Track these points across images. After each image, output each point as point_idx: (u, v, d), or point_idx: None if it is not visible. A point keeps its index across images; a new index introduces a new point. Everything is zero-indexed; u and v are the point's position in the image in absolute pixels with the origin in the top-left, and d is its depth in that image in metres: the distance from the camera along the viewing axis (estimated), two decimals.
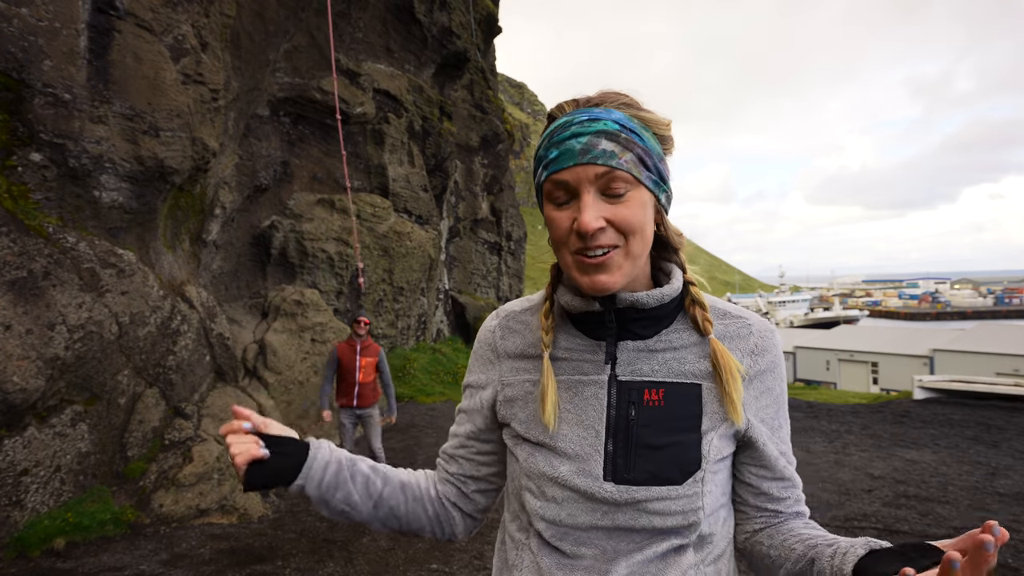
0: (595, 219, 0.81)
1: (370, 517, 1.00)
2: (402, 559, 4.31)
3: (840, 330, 38.59)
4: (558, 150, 0.83)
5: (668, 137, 0.90)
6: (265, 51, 7.92)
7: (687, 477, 0.84)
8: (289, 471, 0.92)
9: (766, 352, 0.92)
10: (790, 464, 0.95)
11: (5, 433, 3.99)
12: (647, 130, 0.86)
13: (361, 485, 0.99)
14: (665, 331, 0.91)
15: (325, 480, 0.95)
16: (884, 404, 11.78)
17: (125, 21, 4.93)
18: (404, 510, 1.03)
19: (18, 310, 4.07)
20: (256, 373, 7.47)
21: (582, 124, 0.83)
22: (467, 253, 16.38)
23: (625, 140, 0.82)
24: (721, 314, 0.94)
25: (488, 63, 17.34)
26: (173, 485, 4.79)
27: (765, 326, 0.95)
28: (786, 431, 0.96)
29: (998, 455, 7.45)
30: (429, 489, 1.06)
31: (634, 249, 0.84)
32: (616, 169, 0.81)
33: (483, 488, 1.07)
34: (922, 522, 5.06)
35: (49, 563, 3.90)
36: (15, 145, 4.39)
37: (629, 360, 0.89)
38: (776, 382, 0.94)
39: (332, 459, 0.97)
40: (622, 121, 0.84)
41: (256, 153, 8.98)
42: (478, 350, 1.05)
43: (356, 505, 0.98)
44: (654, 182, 0.86)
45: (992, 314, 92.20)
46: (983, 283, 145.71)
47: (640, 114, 0.87)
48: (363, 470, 1.01)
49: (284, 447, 0.93)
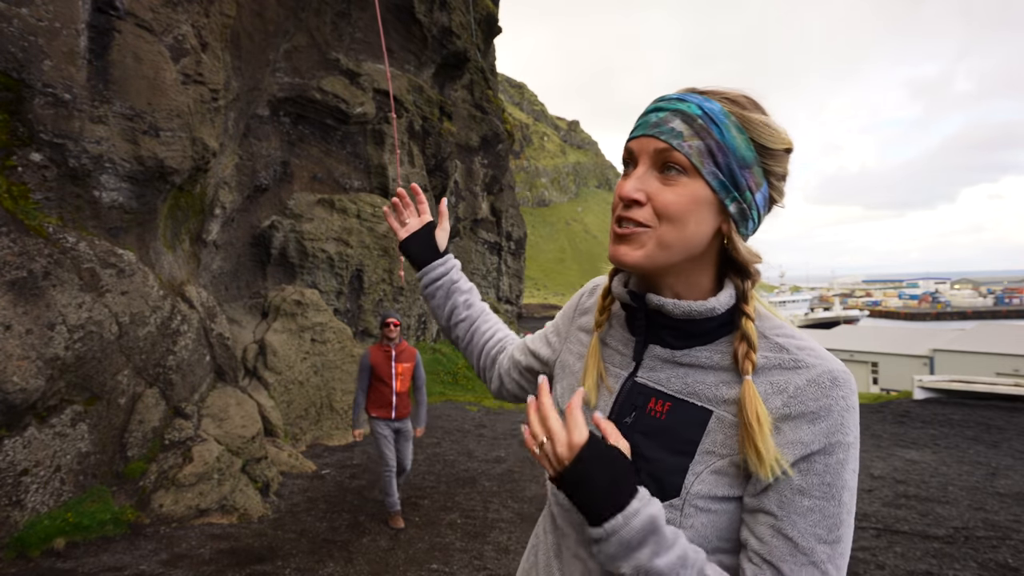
0: (635, 190, 0.80)
1: (452, 320, 1.30)
2: (402, 559, 4.31)
3: (840, 330, 38.59)
4: (639, 120, 0.85)
5: (777, 152, 0.82)
6: (265, 51, 7.92)
7: (665, 499, 0.80)
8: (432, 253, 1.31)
9: (809, 398, 0.76)
10: (788, 553, 0.74)
11: (5, 433, 3.99)
12: (742, 131, 0.80)
13: (464, 302, 1.30)
14: (699, 347, 0.85)
15: (454, 275, 1.31)
16: (884, 404, 11.78)
17: (125, 21, 4.93)
18: (471, 345, 1.31)
19: (18, 310, 4.07)
20: (256, 373, 7.47)
21: (668, 101, 0.83)
22: (467, 253, 16.38)
23: (700, 126, 0.79)
24: (777, 348, 0.82)
25: (488, 63, 17.34)
26: (173, 485, 4.78)
27: (826, 372, 0.77)
28: (812, 512, 0.74)
29: (998, 455, 7.45)
30: (491, 349, 1.29)
31: (665, 236, 0.80)
32: (676, 150, 0.78)
33: (517, 378, 1.22)
34: (922, 522, 5.06)
35: (49, 563, 3.90)
36: (15, 145, 4.38)
37: (651, 365, 0.88)
38: (817, 437, 0.74)
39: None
40: (709, 110, 0.79)
41: (256, 153, 8.98)
42: (573, 298, 1.16)
43: (459, 307, 1.29)
44: (720, 183, 0.79)
45: (992, 314, 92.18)
46: (983, 283, 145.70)
47: (743, 113, 0.81)
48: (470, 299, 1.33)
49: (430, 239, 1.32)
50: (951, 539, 4.68)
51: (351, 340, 8.64)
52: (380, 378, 4.93)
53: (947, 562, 4.24)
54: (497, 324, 1.31)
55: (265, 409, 6.93)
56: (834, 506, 0.74)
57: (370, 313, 10.91)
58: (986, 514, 5.24)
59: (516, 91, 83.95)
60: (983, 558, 4.31)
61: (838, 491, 0.74)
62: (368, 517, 5.15)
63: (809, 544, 0.73)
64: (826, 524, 0.74)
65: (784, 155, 0.83)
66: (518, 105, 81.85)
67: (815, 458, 0.74)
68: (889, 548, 4.51)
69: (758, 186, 0.82)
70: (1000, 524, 4.98)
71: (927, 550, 4.46)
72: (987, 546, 4.53)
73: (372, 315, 10.96)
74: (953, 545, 4.56)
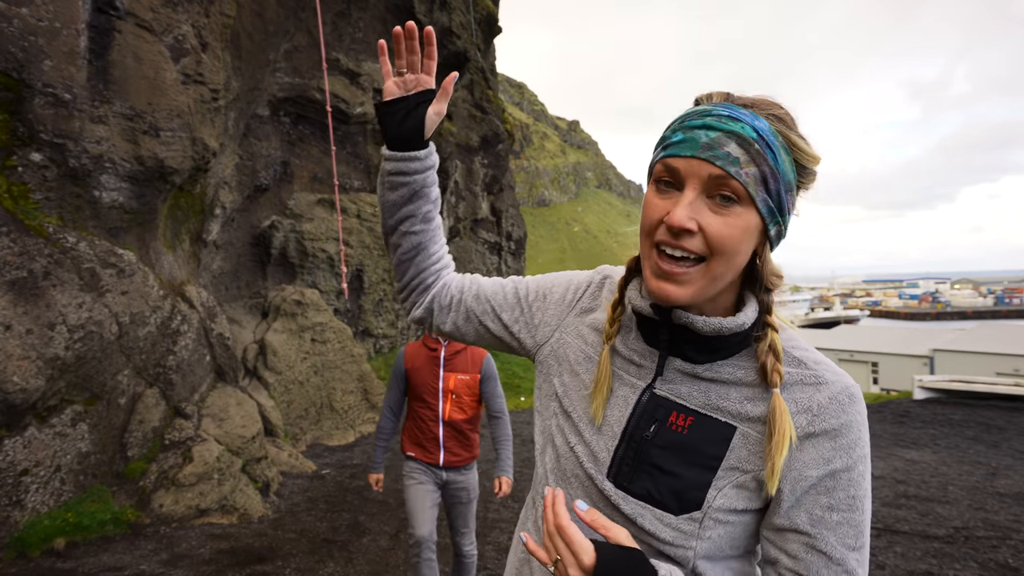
0: (688, 219, 0.75)
1: (402, 228, 1.08)
2: (402, 559, 4.31)
3: (840, 330, 38.63)
4: (683, 135, 0.78)
5: (811, 172, 0.82)
6: (265, 51, 7.93)
7: (684, 512, 0.81)
8: (417, 136, 1.04)
9: (830, 415, 0.78)
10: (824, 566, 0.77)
11: (5, 433, 3.99)
12: (788, 153, 0.79)
13: (426, 213, 1.08)
14: (721, 362, 0.85)
15: (429, 178, 1.06)
16: (884, 404, 11.78)
17: (125, 21, 4.93)
18: (410, 262, 1.11)
19: (18, 310, 4.07)
20: (256, 373, 7.48)
21: (719, 119, 0.77)
22: (467, 253, 16.38)
23: (756, 152, 0.75)
24: (796, 362, 0.83)
25: (488, 63, 17.34)
26: (173, 485, 4.79)
27: (844, 388, 0.80)
28: (841, 525, 0.77)
29: (998, 455, 7.45)
30: (430, 276, 1.12)
31: (716, 269, 0.77)
32: (733, 178, 0.75)
33: (454, 317, 1.11)
34: (922, 522, 5.06)
35: (49, 563, 3.90)
36: (15, 145, 4.39)
37: (672, 378, 0.87)
38: (838, 454, 0.77)
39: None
40: (763, 132, 0.77)
41: (256, 153, 8.98)
42: (572, 281, 1.06)
43: (416, 217, 1.07)
44: (769, 209, 0.78)
45: (992, 314, 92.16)
46: (983, 283, 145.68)
47: (788, 133, 0.79)
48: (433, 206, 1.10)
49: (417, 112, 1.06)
50: (951, 539, 4.68)
51: (351, 340, 8.65)
52: (420, 396, 3.04)
53: (947, 562, 4.24)
54: (443, 249, 1.15)
55: (265, 409, 6.93)
56: (859, 515, 0.78)
57: (370, 313, 10.92)
58: (986, 514, 5.24)
59: (516, 91, 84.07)
60: (983, 558, 4.31)
61: (861, 501, 0.78)
62: (368, 517, 5.14)
63: (841, 555, 0.77)
64: (854, 533, 0.78)
65: (815, 173, 0.83)
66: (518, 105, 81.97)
67: (840, 474, 0.77)
68: (889, 548, 4.51)
69: (794, 206, 0.82)
70: (1000, 524, 4.98)
71: (927, 550, 4.46)
72: (987, 546, 4.53)
73: (372, 315, 10.96)
74: (953, 545, 4.56)
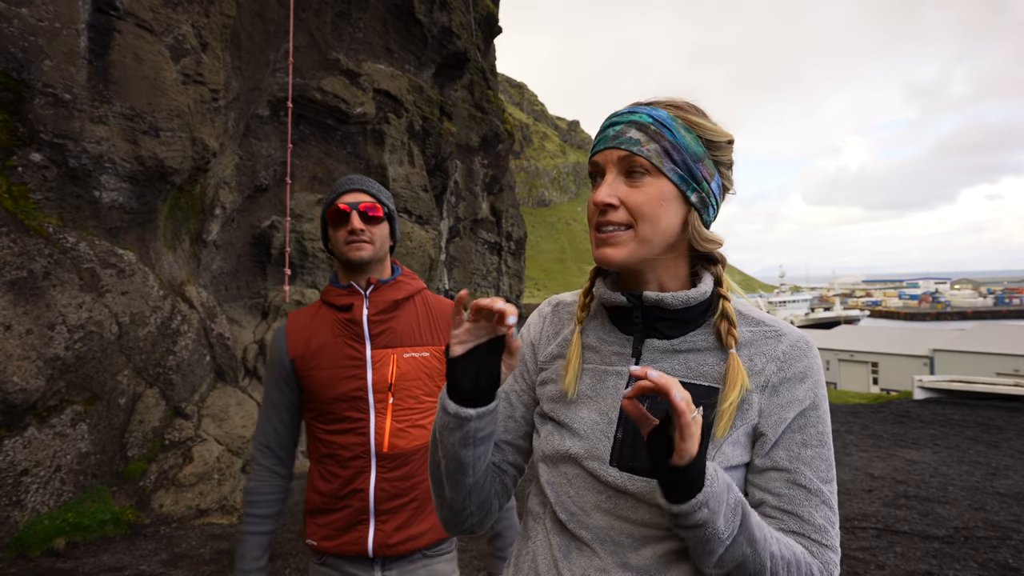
0: (608, 195, 0.88)
1: (475, 477, 0.95)
2: None
3: (840, 330, 38.65)
4: (599, 137, 0.94)
5: (717, 143, 0.92)
6: (265, 51, 7.93)
7: None
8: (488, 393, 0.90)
9: (795, 360, 0.89)
10: (805, 499, 0.85)
11: (5, 433, 3.99)
12: (689, 131, 0.90)
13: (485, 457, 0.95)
14: (691, 333, 0.93)
15: (490, 430, 0.92)
16: (884, 404, 11.78)
17: (125, 21, 4.93)
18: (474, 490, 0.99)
19: (18, 310, 4.07)
20: (256, 373, 7.47)
21: (621, 116, 0.92)
22: (467, 253, 16.39)
23: (654, 132, 0.88)
24: (754, 322, 0.94)
25: (488, 63, 17.34)
26: (173, 485, 4.78)
27: (800, 337, 0.92)
28: (815, 459, 0.87)
29: (998, 455, 7.45)
30: (489, 487, 1.02)
31: (643, 232, 0.89)
32: (636, 155, 0.87)
33: (511, 460, 1.05)
34: (922, 522, 5.06)
35: (49, 563, 3.90)
36: (15, 145, 4.39)
37: (652, 358, 0.93)
38: (807, 394, 0.88)
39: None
40: (659, 117, 0.89)
41: (256, 153, 8.98)
42: (524, 340, 1.09)
43: (480, 467, 0.94)
44: (680, 176, 0.89)
45: (992, 314, 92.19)
46: (983, 283, 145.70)
47: (685, 115, 0.91)
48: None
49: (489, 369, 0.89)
50: (951, 539, 4.68)
51: None
52: (325, 407, 1.55)
53: (947, 562, 4.24)
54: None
55: None
56: (827, 450, 0.88)
57: None
58: (986, 514, 5.24)
59: (516, 91, 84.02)
60: (983, 558, 4.30)
61: (827, 437, 0.89)
62: None
63: (817, 487, 0.86)
64: (825, 467, 0.87)
65: (728, 146, 0.94)
66: (518, 105, 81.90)
67: (808, 412, 0.88)
68: (889, 548, 4.51)
69: (712, 176, 0.92)
70: (1000, 524, 4.98)
71: (927, 550, 4.46)
72: (987, 546, 4.52)
73: None
74: (953, 545, 4.56)
